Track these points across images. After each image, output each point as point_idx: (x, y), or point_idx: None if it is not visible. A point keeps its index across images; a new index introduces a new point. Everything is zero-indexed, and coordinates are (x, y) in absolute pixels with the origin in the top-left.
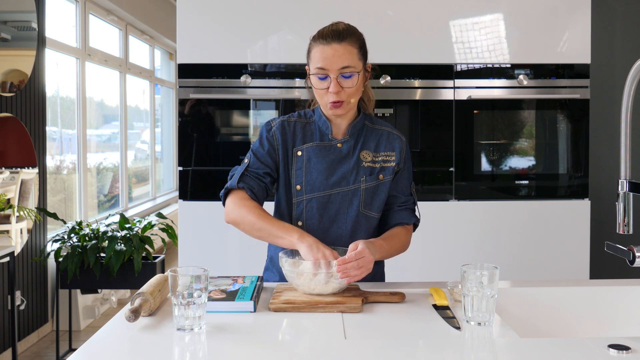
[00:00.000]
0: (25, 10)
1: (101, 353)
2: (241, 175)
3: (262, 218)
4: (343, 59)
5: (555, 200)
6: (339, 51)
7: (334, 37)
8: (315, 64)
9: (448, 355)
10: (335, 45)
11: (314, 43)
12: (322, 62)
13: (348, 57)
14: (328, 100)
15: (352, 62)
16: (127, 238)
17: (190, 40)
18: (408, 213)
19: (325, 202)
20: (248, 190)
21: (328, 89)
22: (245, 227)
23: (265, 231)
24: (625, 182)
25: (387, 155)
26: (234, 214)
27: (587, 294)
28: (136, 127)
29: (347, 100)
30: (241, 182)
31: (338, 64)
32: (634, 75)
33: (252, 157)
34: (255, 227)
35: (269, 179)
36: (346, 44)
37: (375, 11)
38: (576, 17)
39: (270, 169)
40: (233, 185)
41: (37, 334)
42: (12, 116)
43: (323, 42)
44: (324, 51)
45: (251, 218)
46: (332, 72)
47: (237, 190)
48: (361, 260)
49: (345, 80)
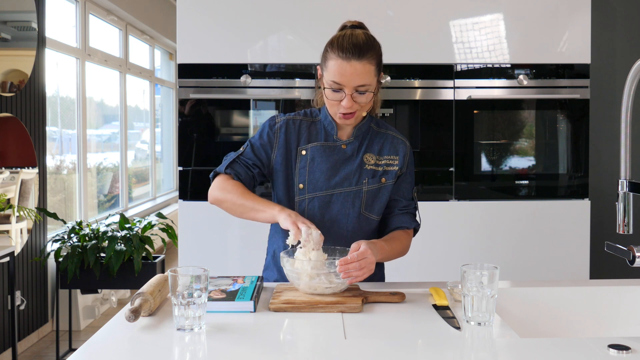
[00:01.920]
0: (25, 10)
1: (101, 353)
2: (232, 161)
3: (244, 195)
4: (361, 78)
5: (555, 200)
6: (357, 70)
7: (354, 54)
8: (332, 77)
9: (448, 355)
10: (354, 62)
11: (332, 54)
12: (339, 78)
13: (366, 76)
14: (339, 111)
15: (369, 81)
16: (127, 238)
17: (190, 40)
18: (409, 217)
19: (326, 202)
20: (235, 177)
21: (341, 101)
22: (227, 205)
23: (246, 206)
24: (625, 182)
25: (391, 160)
26: (217, 192)
27: (587, 294)
28: (136, 127)
29: (359, 114)
30: (229, 169)
31: (355, 82)
32: (634, 75)
33: (248, 147)
34: (237, 203)
35: (258, 170)
36: (365, 62)
37: (375, 11)
38: (576, 17)
39: (261, 162)
40: (220, 170)
41: (37, 334)
42: (12, 116)
43: (342, 56)
44: (342, 67)
45: (233, 195)
46: (347, 88)
47: (224, 174)
48: (363, 261)
49: (360, 96)
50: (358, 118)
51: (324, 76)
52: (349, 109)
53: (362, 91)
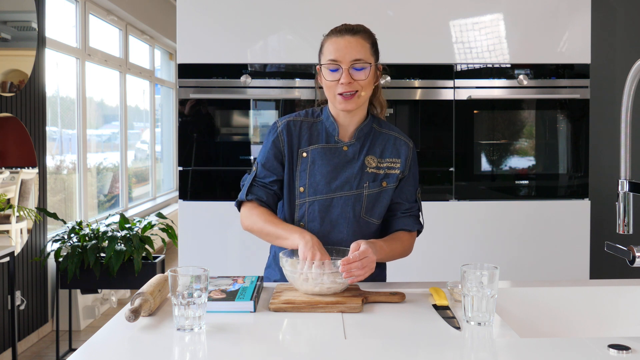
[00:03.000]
0: (25, 10)
1: (101, 353)
2: (249, 186)
3: (269, 223)
4: (356, 51)
5: (555, 200)
6: (352, 43)
7: (347, 31)
8: (328, 56)
9: (448, 355)
10: (348, 37)
11: (327, 38)
12: (335, 53)
13: (361, 49)
14: (338, 91)
15: (365, 56)
16: (127, 238)
17: (190, 40)
18: (412, 220)
19: (327, 205)
20: (257, 201)
21: (339, 81)
22: (257, 234)
23: (272, 235)
24: (625, 182)
25: (392, 162)
26: (246, 222)
27: (587, 294)
28: (136, 127)
29: (358, 94)
30: (250, 194)
31: (351, 55)
32: (634, 75)
33: (259, 167)
34: (264, 233)
35: (277, 186)
36: (359, 38)
37: (375, 11)
38: (576, 17)
39: (276, 175)
40: (242, 198)
41: (37, 334)
42: (12, 116)
43: (336, 34)
44: (337, 43)
45: (259, 225)
46: (344, 63)
47: (247, 202)
48: (365, 260)
49: (357, 73)
50: (359, 102)
51: (322, 62)
52: (347, 85)
53: (359, 67)
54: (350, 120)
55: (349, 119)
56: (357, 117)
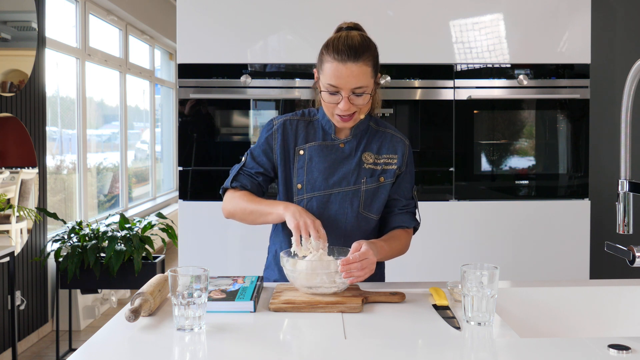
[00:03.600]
0: (25, 10)
1: (101, 353)
2: (236, 174)
3: (251, 201)
4: (357, 80)
5: (555, 200)
6: (354, 72)
7: (349, 56)
8: (328, 80)
9: (448, 355)
10: (350, 64)
11: (328, 56)
12: (336, 80)
13: (362, 78)
14: (336, 113)
15: (365, 82)
16: (127, 238)
17: (190, 40)
18: (409, 217)
19: (325, 201)
20: (241, 188)
21: (338, 104)
22: (239, 216)
23: (255, 212)
24: (625, 182)
25: (389, 158)
26: (228, 206)
27: (587, 294)
28: (136, 127)
29: (356, 115)
30: (235, 182)
31: (351, 84)
32: (634, 75)
33: (248, 157)
34: (247, 212)
35: (262, 178)
36: (361, 64)
37: (375, 11)
38: (576, 17)
39: (263, 168)
40: (227, 185)
41: (37, 334)
42: (12, 116)
43: (338, 58)
44: (338, 70)
45: (242, 205)
46: (344, 90)
47: (231, 189)
48: (365, 261)
49: (357, 98)
50: (356, 120)
51: (321, 79)
52: (346, 111)
53: (359, 93)
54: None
55: None
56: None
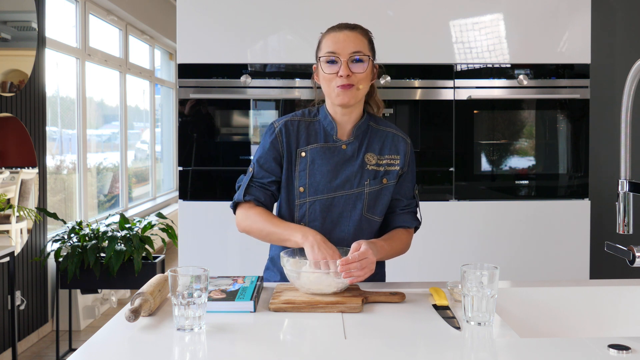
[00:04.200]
0: (25, 10)
1: (101, 353)
2: (247, 187)
3: (269, 223)
4: (354, 44)
5: (555, 200)
6: (350, 37)
7: (345, 26)
8: (326, 49)
9: (448, 355)
10: (347, 31)
11: (325, 34)
12: (334, 46)
13: (359, 43)
14: (336, 84)
15: (363, 49)
16: (127, 238)
17: (190, 40)
18: (410, 216)
19: (328, 204)
20: (255, 202)
21: (337, 73)
22: (255, 235)
23: (273, 235)
24: (625, 182)
25: (392, 159)
26: (244, 223)
27: (587, 294)
28: (136, 127)
29: (356, 87)
30: (247, 195)
31: (349, 48)
32: (634, 75)
33: (256, 167)
34: (264, 234)
35: (275, 187)
36: (357, 33)
37: (375, 11)
38: (576, 17)
39: (275, 175)
40: (239, 199)
41: (37, 334)
42: (12, 116)
43: (335, 30)
44: (335, 36)
45: (259, 225)
46: (342, 55)
47: (244, 202)
48: (364, 261)
49: (356, 66)
50: (356, 97)
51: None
52: (346, 78)
53: (358, 58)
54: (348, 119)
55: (347, 117)
56: (354, 115)
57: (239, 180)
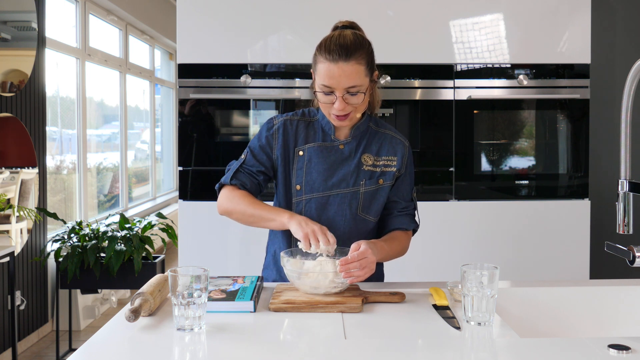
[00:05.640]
0: (25, 10)
1: (101, 353)
2: (235, 171)
3: (253, 204)
4: (350, 79)
5: (555, 200)
6: (345, 71)
7: (341, 55)
8: (321, 80)
9: (448, 355)
10: (342, 64)
11: (320, 57)
12: (329, 81)
13: (355, 77)
14: (332, 113)
15: (359, 82)
16: (127, 238)
17: (190, 40)
18: (408, 219)
19: (323, 203)
20: (240, 187)
21: (333, 104)
22: (237, 216)
23: (256, 216)
24: (625, 182)
25: (389, 160)
26: (226, 203)
27: (587, 294)
28: (136, 127)
29: (353, 115)
30: (234, 179)
31: (344, 83)
32: (634, 75)
33: (249, 154)
34: (247, 214)
35: (263, 177)
36: (353, 62)
37: (375, 11)
38: (576, 17)
39: (264, 167)
40: (226, 182)
41: (37, 334)
42: (12, 116)
43: (329, 58)
44: (330, 70)
45: (242, 206)
46: (338, 90)
47: (229, 185)
48: (364, 260)
49: (351, 97)
50: (353, 119)
51: (315, 80)
52: (341, 110)
53: (353, 92)
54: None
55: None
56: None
57: (230, 164)
